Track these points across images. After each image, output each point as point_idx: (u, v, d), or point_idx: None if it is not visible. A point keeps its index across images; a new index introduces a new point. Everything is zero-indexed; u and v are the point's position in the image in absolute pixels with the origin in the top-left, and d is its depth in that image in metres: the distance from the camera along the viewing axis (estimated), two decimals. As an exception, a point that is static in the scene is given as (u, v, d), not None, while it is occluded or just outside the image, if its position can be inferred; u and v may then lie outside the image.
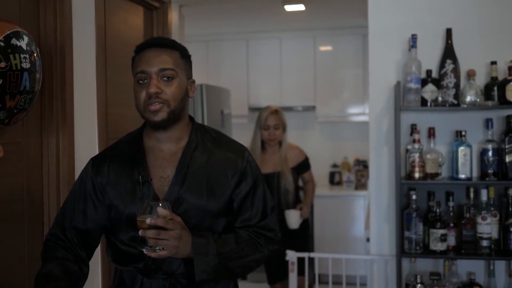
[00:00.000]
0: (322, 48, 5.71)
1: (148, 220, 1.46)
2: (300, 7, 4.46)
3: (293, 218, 3.58)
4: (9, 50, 1.70)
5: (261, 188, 1.71)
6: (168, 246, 1.48)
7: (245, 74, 5.83)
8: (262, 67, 5.77)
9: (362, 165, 5.52)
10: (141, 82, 1.59)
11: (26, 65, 1.76)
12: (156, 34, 3.32)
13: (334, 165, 5.84)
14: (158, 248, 1.49)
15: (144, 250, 1.50)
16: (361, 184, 5.44)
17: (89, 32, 2.53)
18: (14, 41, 1.72)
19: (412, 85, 2.90)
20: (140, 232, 1.48)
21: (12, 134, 2.05)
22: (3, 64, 1.67)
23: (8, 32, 1.71)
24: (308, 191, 3.91)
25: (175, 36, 3.48)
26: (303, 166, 3.84)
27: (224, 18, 5.19)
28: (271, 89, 5.74)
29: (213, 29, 5.69)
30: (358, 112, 5.64)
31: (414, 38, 2.93)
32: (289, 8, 4.50)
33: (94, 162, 1.69)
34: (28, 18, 2.16)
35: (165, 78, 1.59)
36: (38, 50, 1.86)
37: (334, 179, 5.76)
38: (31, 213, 2.22)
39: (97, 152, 2.57)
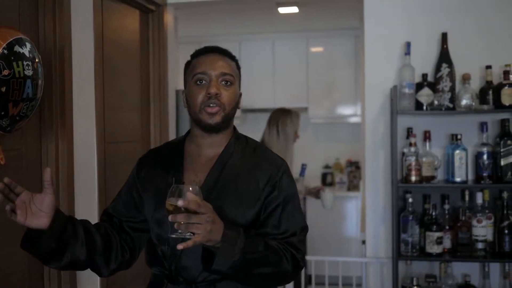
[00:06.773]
0: (315, 50, 5.72)
1: (180, 202, 1.36)
2: (294, 9, 4.46)
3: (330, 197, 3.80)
4: (12, 58, 1.67)
5: (291, 206, 1.63)
6: (201, 230, 1.38)
7: (238, 75, 5.81)
8: (254, 68, 5.75)
9: (355, 166, 5.54)
10: (199, 83, 1.60)
11: (29, 72, 1.74)
12: (152, 37, 3.30)
13: (327, 166, 5.86)
14: (189, 233, 1.37)
15: (173, 236, 1.39)
16: (353, 185, 5.46)
17: (87, 37, 2.52)
18: (17, 48, 1.70)
19: (406, 90, 2.93)
20: (170, 218, 1.38)
21: (11, 141, 2.03)
22: (6, 72, 1.65)
23: (11, 39, 1.69)
24: None
25: (170, 39, 3.47)
26: None
27: (216, 19, 5.18)
28: (264, 90, 5.73)
29: (205, 30, 5.66)
30: (350, 114, 5.66)
31: (408, 45, 2.96)
32: (282, 10, 4.50)
33: (140, 160, 1.76)
34: (27, 25, 2.14)
35: (223, 83, 1.60)
36: (40, 56, 1.84)
37: (326, 180, 5.78)
38: (30, 219, 2.20)
39: (95, 158, 2.58)
